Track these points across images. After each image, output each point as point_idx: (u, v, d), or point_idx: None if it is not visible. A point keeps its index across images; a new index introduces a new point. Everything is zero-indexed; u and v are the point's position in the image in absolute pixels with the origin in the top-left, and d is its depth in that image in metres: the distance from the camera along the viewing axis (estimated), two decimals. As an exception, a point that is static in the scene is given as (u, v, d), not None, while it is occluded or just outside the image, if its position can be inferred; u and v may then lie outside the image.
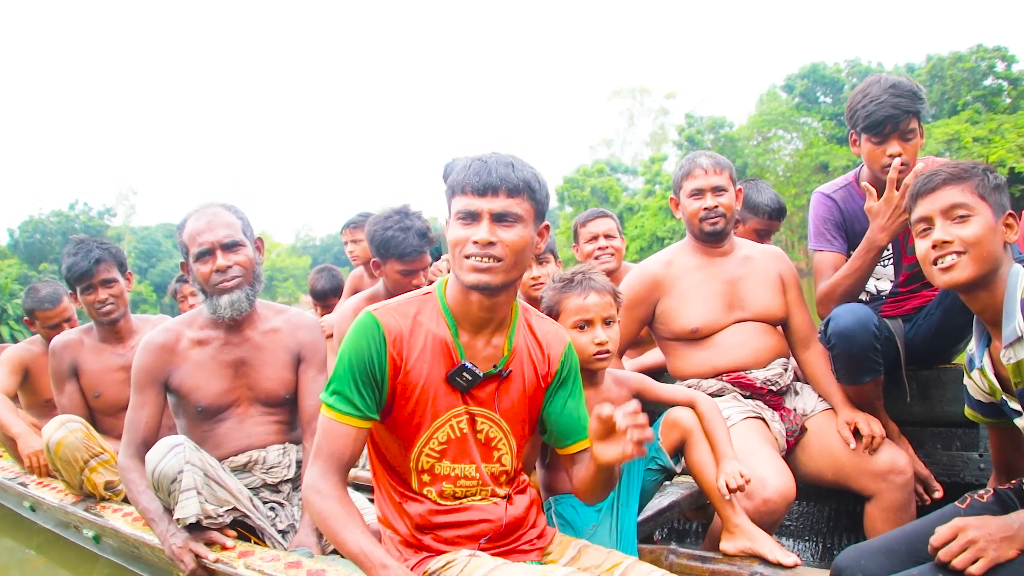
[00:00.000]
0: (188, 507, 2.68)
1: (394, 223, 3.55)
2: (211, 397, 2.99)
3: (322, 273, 6.14)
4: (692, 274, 3.30)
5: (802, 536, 3.78)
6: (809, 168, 49.29)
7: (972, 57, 47.99)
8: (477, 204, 2.02)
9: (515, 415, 2.24)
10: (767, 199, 4.23)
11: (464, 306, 2.13)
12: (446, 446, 2.15)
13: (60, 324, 4.57)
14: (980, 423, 2.34)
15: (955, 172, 2.10)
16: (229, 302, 2.91)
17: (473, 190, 2.02)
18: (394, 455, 2.18)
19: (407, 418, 2.12)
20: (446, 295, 2.17)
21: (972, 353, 2.22)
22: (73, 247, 3.89)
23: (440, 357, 2.13)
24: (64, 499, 3.80)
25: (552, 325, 2.37)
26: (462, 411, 2.16)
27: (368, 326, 2.08)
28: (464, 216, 2.04)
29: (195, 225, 2.94)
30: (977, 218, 2.04)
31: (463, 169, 2.07)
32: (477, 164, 2.05)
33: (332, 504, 2.03)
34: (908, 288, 3.39)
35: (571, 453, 2.34)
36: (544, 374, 2.27)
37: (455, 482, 2.17)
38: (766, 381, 3.18)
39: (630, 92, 77.46)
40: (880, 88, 3.05)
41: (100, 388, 3.94)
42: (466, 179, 2.04)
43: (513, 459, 2.27)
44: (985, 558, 1.82)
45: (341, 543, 1.99)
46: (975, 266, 2.03)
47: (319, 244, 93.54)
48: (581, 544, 2.30)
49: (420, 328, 2.12)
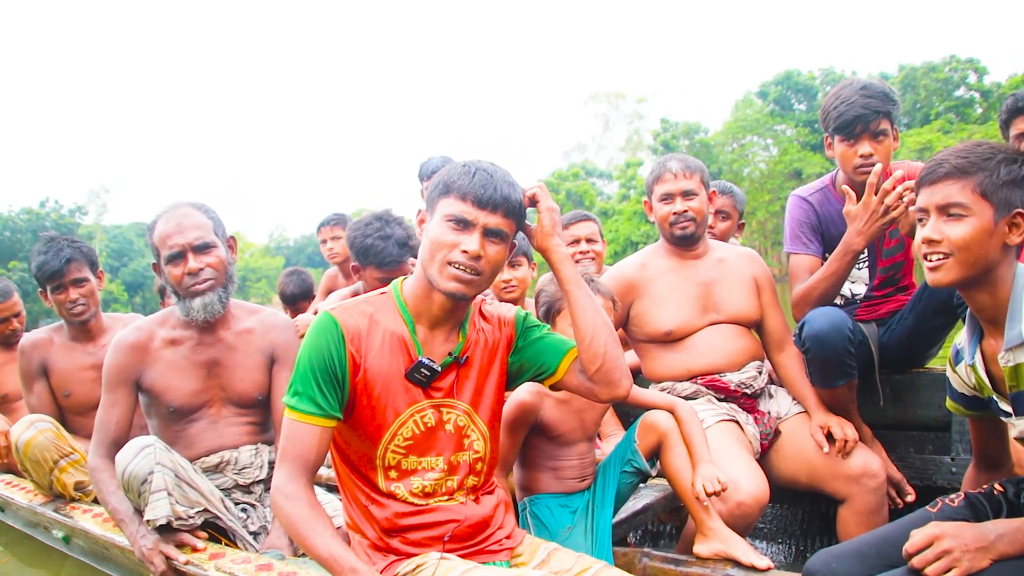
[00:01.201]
0: (158, 508, 2.65)
1: (374, 231, 3.53)
2: (183, 397, 2.96)
3: (291, 277, 6.11)
4: (666, 277, 3.31)
5: (775, 539, 3.80)
6: (783, 175, 49.68)
7: (945, 68, 48.70)
8: (474, 214, 2.02)
9: (479, 398, 2.23)
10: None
11: (425, 304, 2.13)
12: (411, 441, 2.14)
13: (9, 319, 4.53)
14: (961, 415, 2.33)
15: (960, 165, 1.99)
16: (202, 304, 2.88)
17: (474, 200, 2.02)
18: (359, 455, 2.16)
19: (369, 416, 2.11)
20: (403, 292, 2.18)
21: (961, 346, 2.18)
22: (43, 245, 3.84)
23: (398, 354, 2.12)
24: (33, 499, 3.76)
25: (499, 306, 2.36)
26: (425, 405, 2.15)
27: (326, 325, 2.07)
28: (457, 221, 2.03)
29: (165, 227, 2.90)
30: (971, 220, 1.96)
31: (465, 174, 2.05)
32: (482, 175, 2.04)
33: (300, 508, 2.01)
34: (883, 292, 3.43)
35: (564, 373, 2.27)
36: (504, 341, 2.27)
37: (423, 475, 2.16)
38: (740, 384, 3.19)
39: (605, 97, 77.54)
40: (851, 90, 3.10)
41: (70, 387, 3.90)
42: (469, 187, 2.02)
43: (486, 444, 2.25)
44: (959, 568, 1.82)
45: (310, 547, 1.97)
46: (959, 269, 1.98)
47: (293, 245, 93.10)
48: (551, 547, 2.29)
49: (377, 326, 2.12)
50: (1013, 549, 1.84)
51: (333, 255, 5.67)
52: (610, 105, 76.90)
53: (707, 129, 57.67)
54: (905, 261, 3.42)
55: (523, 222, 2.15)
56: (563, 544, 2.49)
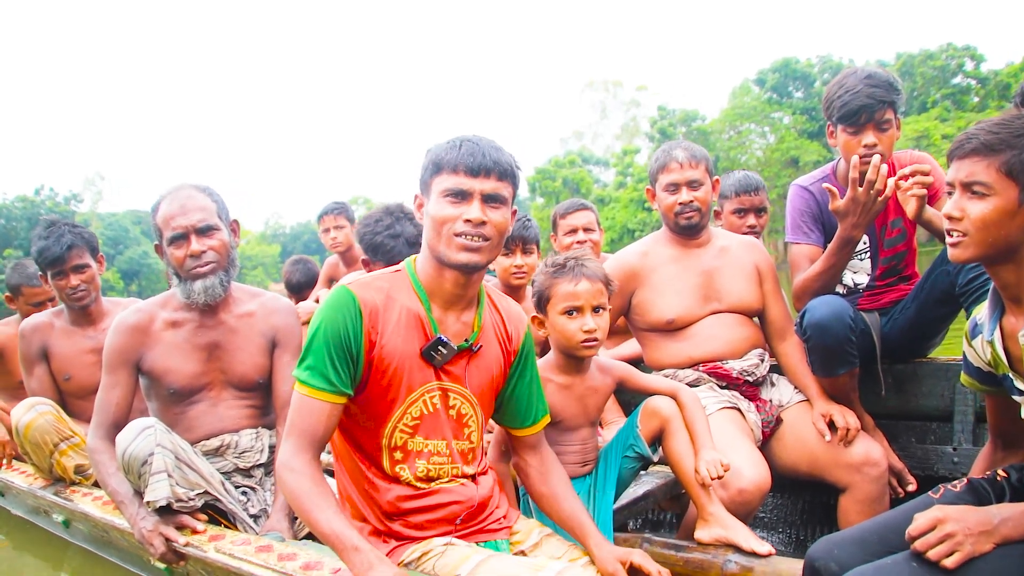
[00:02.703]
0: (158, 490, 2.65)
1: (384, 228, 3.52)
2: (183, 380, 2.96)
3: (297, 265, 6.11)
4: (668, 265, 3.30)
5: (776, 527, 3.79)
6: (780, 163, 49.67)
7: (942, 55, 48.64)
8: (469, 184, 2.03)
9: (483, 391, 2.25)
10: (732, 180, 4.27)
11: (438, 282, 2.14)
12: (419, 421, 2.15)
13: (44, 303, 4.52)
14: (976, 390, 2.30)
15: (989, 142, 1.92)
16: (203, 287, 2.88)
17: (466, 170, 2.03)
18: (366, 434, 2.16)
19: (381, 393, 2.10)
20: (416, 271, 2.18)
21: (980, 321, 2.14)
22: (44, 230, 3.83)
23: (414, 332, 2.12)
24: (33, 483, 3.76)
25: (511, 302, 2.39)
26: (435, 386, 2.16)
27: (344, 300, 2.06)
28: (454, 194, 2.04)
29: (169, 208, 2.89)
30: (993, 199, 1.91)
31: (452, 148, 2.06)
32: (468, 145, 2.05)
33: (305, 482, 1.99)
34: (885, 282, 3.42)
35: (524, 435, 2.40)
36: (508, 352, 2.31)
37: (428, 459, 2.16)
38: (742, 372, 3.18)
39: (602, 84, 77.42)
40: (856, 79, 3.07)
41: (70, 371, 3.89)
42: (458, 158, 2.04)
43: (480, 436, 2.29)
44: (961, 551, 1.81)
45: (313, 522, 1.95)
46: (978, 248, 1.95)
47: (289, 232, 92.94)
48: (545, 531, 2.31)
49: (394, 303, 2.12)
50: (1017, 533, 1.83)
51: (336, 244, 5.66)
52: (607, 93, 76.79)
53: (704, 117, 57.64)
54: (907, 251, 3.41)
55: (517, 183, 2.16)
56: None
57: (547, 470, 2.42)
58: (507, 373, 2.33)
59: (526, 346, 2.35)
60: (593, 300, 2.54)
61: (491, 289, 2.38)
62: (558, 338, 2.60)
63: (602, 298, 2.57)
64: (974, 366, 2.21)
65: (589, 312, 2.54)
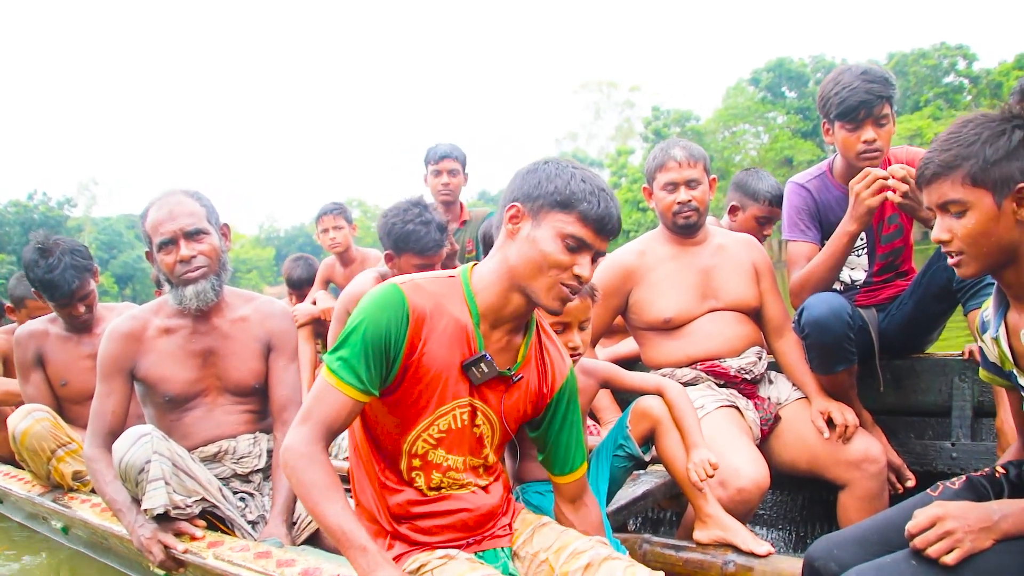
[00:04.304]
0: (156, 498, 2.63)
1: (414, 216, 3.52)
2: (179, 387, 2.94)
3: (299, 262, 6.11)
4: (665, 264, 3.29)
5: (775, 525, 3.79)
6: (774, 162, 49.73)
7: (935, 54, 48.81)
8: (593, 240, 1.96)
9: (512, 421, 2.19)
10: (767, 186, 4.22)
11: (498, 304, 2.06)
12: (445, 435, 2.10)
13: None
14: (997, 385, 2.27)
15: (945, 160, 1.92)
16: (194, 293, 2.85)
17: (597, 226, 1.95)
18: (388, 435, 2.11)
19: (414, 399, 2.04)
20: (472, 283, 2.09)
21: (987, 317, 2.13)
22: (40, 257, 3.72)
23: (458, 344, 2.04)
24: (31, 490, 3.75)
25: (557, 345, 2.31)
26: (466, 403, 2.10)
27: (394, 300, 1.97)
28: (576, 243, 1.95)
29: (158, 214, 2.87)
30: (972, 212, 1.90)
31: (588, 194, 1.95)
32: (604, 198, 1.96)
33: (317, 472, 1.93)
34: (882, 278, 3.42)
35: (562, 484, 2.34)
36: (543, 393, 2.23)
37: (444, 472, 2.13)
38: (740, 370, 3.18)
39: (596, 85, 77.55)
40: (852, 75, 3.07)
41: (67, 377, 3.88)
42: (594, 212, 1.95)
43: (497, 457, 2.26)
44: (961, 548, 1.80)
45: (321, 515, 1.90)
46: (978, 262, 1.94)
47: (283, 235, 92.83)
48: (537, 524, 2.28)
49: (442, 311, 2.03)
50: (1017, 530, 1.82)
51: (334, 244, 5.63)
52: (601, 93, 76.91)
53: (699, 117, 57.76)
54: (904, 247, 3.41)
55: None
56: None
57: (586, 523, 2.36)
58: (540, 411, 2.26)
59: (565, 391, 2.27)
60: (581, 316, 2.50)
61: (545, 324, 2.31)
62: None
63: (588, 312, 2.54)
64: (990, 361, 2.19)
65: (576, 329, 2.52)
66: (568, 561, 2.09)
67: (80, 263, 3.77)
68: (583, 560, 2.06)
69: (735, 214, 4.28)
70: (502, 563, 2.19)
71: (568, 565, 2.08)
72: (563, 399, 2.27)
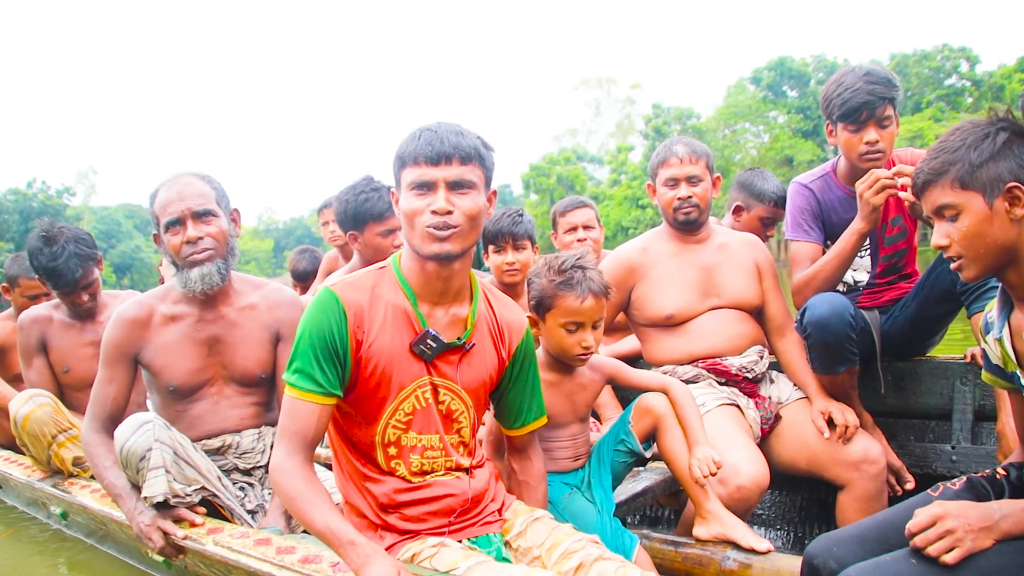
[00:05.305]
0: (156, 485, 2.63)
1: (364, 186, 3.64)
2: (183, 376, 2.92)
3: (304, 254, 6.14)
4: (667, 261, 3.30)
5: (774, 525, 3.79)
6: (775, 161, 49.73)
7: (937, 56, 48.81)
8: (431, 173, 2.02)
9: (475, 388, 2.24)
10: (773, 187, 4.23)
11: (421, 276, 2.13)
12: (412, 416, 2.15)
13: (39, 296, 4.46)
14: (999, 387, 2.28)
15: (934, 168, 1.98)
16: (200, 275, 2.81)
17: (426, 160, 2.01)
18: (359, 432, 2.16)
19: (372, 391, 2.10)
20: (401, 266, 2.17)
21: (991, 318, 2.15)
22: (43, 244, 3.74)
23: (402, 327, 2.11)
24: (31, 475, 3.75)
25: (512, 308, 2.36)
26: (426, 381, 2.15)
27: (327, 302, 2.06)
28: (419, 186, 2.03)
29: (166, 194, 2.83)
30: (966, 215, 1.94)
31: (412, 139, 2.05)
32: (427, 134, 2.04)
33: (299, 483, 2.00)
34: (885, 280, 3.42)
35: (513, 436, 2.43)
36: (502, 354, 2.30)
37: (422, 453, 2.17)
38: (741, 368, 3.18)
39: (597, 82, 77.47)
40: (855, 76, 3.08)
41: (69, 363, 3.88)
42: (417, 149, 2.02)
43: (472, 432, 2.28)
44: (961, 547, 1.81)
45: (309, 522, 1.96)
46: (978, 264, 1.97)
47: (282, 227, 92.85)
48: (531, 518, 2.29)
49: (379, 300, 2.11)
50: (1018, 530, 1.83)
51: (335, 237, 5.62)
52: (601, 90, 76.84)
53: (699, 115, 57.77)
54: (908, 249, 3.41)
55: (488, 163, 2.12)
56: (565, 509, 2.53)
57: (526, 473, 2.47)
58: (501, 374, 2.32)
59: (523, 349, 2.34)
60: (595, 316, 2.51)
61: (489, 287, 2.36)
62: (553, 345, 2.58)
63: (602, 312, 2.55)
64: (993, 363, 2.21)
65: (589, 328, 2.53)
66: (560, 561, 2.11)
67: (84, 252, 3.77)
68: (574, 561, 2.09)
69: (739, 214, 4.28)
70: (495, 548, 2.21)
71: (560, 565, 2.10)
72: (521, 356, 2.34)
